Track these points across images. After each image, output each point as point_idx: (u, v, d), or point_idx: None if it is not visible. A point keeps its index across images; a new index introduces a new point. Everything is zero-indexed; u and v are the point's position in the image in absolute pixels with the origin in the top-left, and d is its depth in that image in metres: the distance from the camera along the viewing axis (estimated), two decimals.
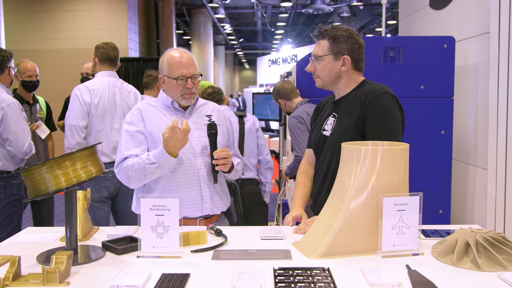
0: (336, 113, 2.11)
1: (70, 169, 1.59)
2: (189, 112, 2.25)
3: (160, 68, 2.22)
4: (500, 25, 2.77)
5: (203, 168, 2.17)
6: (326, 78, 2.08)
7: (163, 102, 2.24)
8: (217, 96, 3.55)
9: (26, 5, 9.85)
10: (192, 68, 2.17)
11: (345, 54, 2.03)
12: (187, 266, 1.59)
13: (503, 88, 2.77)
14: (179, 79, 2.14)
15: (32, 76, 3.84)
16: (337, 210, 1.65)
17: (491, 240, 1.55)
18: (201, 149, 2.18)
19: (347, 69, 2.05)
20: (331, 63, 2.05)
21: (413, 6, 4.18)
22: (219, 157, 2.08)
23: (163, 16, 12.25)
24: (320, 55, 2.06)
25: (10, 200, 3.12)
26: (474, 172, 3.11)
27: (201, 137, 2.20)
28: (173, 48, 2.25)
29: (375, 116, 1.96)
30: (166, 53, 2.22)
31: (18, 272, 1.46)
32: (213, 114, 2.31)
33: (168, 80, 2.18)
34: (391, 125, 1.97)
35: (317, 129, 2.21)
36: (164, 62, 2.19)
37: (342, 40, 2.02)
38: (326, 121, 2.15)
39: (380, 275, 1.44)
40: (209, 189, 2.17)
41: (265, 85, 17.35)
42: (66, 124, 3.19)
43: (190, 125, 2.19)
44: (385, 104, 1.98)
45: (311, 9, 14.47)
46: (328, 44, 2.04)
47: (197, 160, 2.16)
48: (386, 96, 1.99)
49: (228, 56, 29.31)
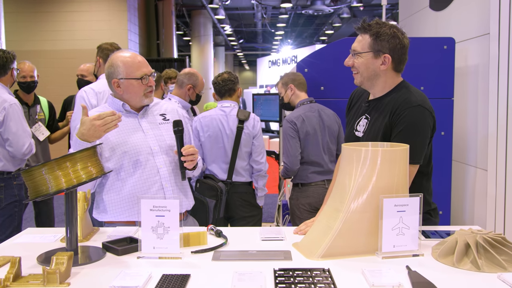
0: (369, 115, 2.05)
1: (71, 170, 1.59)
2: (143, 113, 2.23)
3: (111, 72, 2.14)
4: (500, 26, 2.78)
5: (163, 167, 2.16)
6: (364, 74, 1.99)
7: (113, 106, 2.19)
8: (229, 85, 3.35)
9: (26, 6, 9.86)
10: (149, 66, 2.18)
11: (386, 52, 1.94)
12: (188, 267, 1.59)
13: (503, 89, 2.78)
14: (144, 78, 2.13)
15: (26, 77, 3.83)
16: (337, 211, 1.65)
17: (491, 241, 1.55)
18: (159, 148, 2.17)
19: (386, 69, 1.97)
20: (370, 60, 1.96)
21: (413, 7, 4.18)
22: (188, 154, 2.07)
23: (163, 17, 12.26)
24: (359, 51, 1.98)
25: (10, 201, 3.12)
26: (474, 173, 3.11)
27: (158, 136, 2.19)
28: (120, 50, 2.23)
29: (401, 129, 1.91)
30: (116, 55, 2.16)
31: (18, 272, 1.46)
32: (167, 112, 2.30)
33: (127, 82, 2.13)
34: (413, 140, 1.87)
35: (349, 126, 2.17)
36: (118, 64, 2.12)
37: (384, 38, 1.93)
38: (358, 121, 2.11)
39: (380, 276, 1.44)
40: (172, 187, 2.16)
41: (265, 86, 17.33)
42: (72, 126, 3.19)
43: (145, 126, 2.19)
44: (414, 119, 1.90)
45: (311, 10, 14.48)
46: (370, 40, 1.95)
47: (156, 160, 2.15)
48: (418, 109, 1.90)
49: (228, 57, 29.33)
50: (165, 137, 2.20)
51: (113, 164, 2.11)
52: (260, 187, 3.34)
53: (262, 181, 3.34)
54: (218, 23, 17.33)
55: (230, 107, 3.32)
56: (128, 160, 2.11)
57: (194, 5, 15.70)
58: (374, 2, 14.19)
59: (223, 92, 3.36)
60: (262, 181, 3.34)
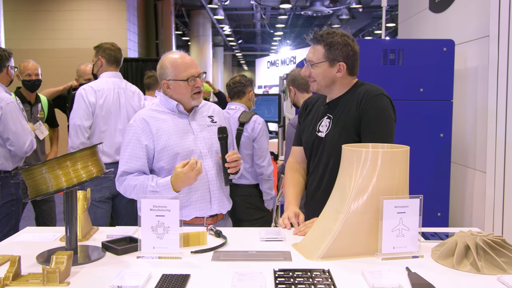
0: (331, 114, 2.12)
1: (71, 169, 1.58)
2: (193, 115, 2.25)
3: (161, 73, 2.19)
4: (499, 28, 2.78)
5: (211, 170, 2.18)
6: (321, 83, 2.08)
7: (166, 106, 2.22)
8: (239, 87, 3.41)
9: (25, 5, 9.83)
10: (198, 67, 2.19)
11: (340, 60, 2.04)
12: (187, 267, 1.59)
13: (502, 91, 2.78)
14: (190, 79, 2.14)
15: (31, 75, 3.84)
16: (337, 212, 1.65)
17: (491, 243, 1.55)
18: (207, 151, 2.20)
19: (342, 75, 2.06)
20: (326, 69, 2.05)
21: (412, 9, 4.19)
22: (231, 160, 2.10)
23: (162, 17, 12.24)
24: (315, 62, 2.06)
25: (7, 200, 3.11)
26: (473, 175, 3.11)
27: (206, 139, 2.21)
28: (170, 51, 2.24)
29: (370, 116, 2.00)
30: (166, 57, 2.20)
31: (18, 271, 1.46)
32: (214, 114, 2.33)
33: (175, 83, 2.16)
34: (385, 125, 2.01)
35: (309, 130, 2.21)
36: (167, 66, 2.16)
37: (338, 48, 2.03)
38: (320, 122, 2.15)
39: (380, 277, 1.44)
40: (217, 190, 2.20)
41: (263, 86, 17.34)
42: (71, 124, 3.18)
43: (196, 128, 2.22)
44: (380, 105, 2.01)
45: (310, 11, 14.48)
46: (323, 50, 2.04)
47: (204, 162, 2.17)
48: (381, 97, 2.03)
49: (227, 57, 29.30)
50: (213, 141, 2.22)
51: (165, 163, 2.14)
52: (264, 190, 3.33)
53: (266, 185, 3.32)
54: (217, 23, 17.32)
55: (235, 109, 3.36)
56: (180, 161, 2.10)
57: (193, 5, 15.69)
58: (373, 4, 14.20)
59: (233, 94, 3.44)
60: (266, 185, 3.32)
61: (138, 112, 2.25)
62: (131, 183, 2.08)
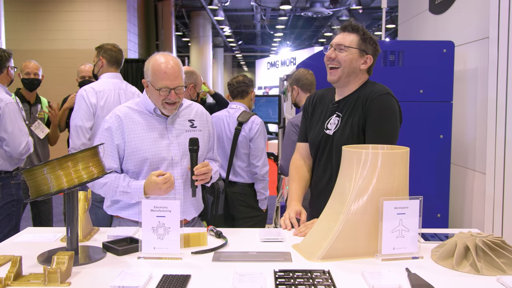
0: (340, 112, 2.11)
1: (72, 169, 1.59)
2: (172, 118, 2.19)
3: (145, 72, 2.14)
4: (499, 30, 2.79)
5: (179, 179, 2.15)
6: (345, 69, 2.06)
7: (145, 106, 2.17)
8: (242, 87, 3.42)
9: (26, 5, 9.85)
10: (177, 80, 2.07)
11: (369, 54, 2.09)
12: (188, 267, 1.59)
13: (502, 92, 2.79)
14: (162, 90, 2.05)
15: (30, 74, 3.84)
16: (338, 213, 1.66)
17: (490, 244, 1.56)
18: (180, 158, 2.15)
19: (364, 69, 2.10)
20: (355, 57, 2.07)
21: (412, 10, 4.19)
22: (199, 173, 2.05)
23: (162, 17, 12.26)
24: (347, 46, 2.06)
25: (8, 200, 3.11)
26: (473, 177, 3.12)
27: (181, 144, 2.16)
28: (160, 52, 2.15)
29: (374, 116, 2.00)
30: (153, 57, 2.11)
31: (19, 272, 1.47)
32: (196, 118, 2.26)
33: (151, 87, 2.10)
34: (388, 125, 2.02)
35: (317, 127, 2.20)
36: (149, 68, 2.10)
37: (370, 42, 2.09)
38: (329, 120, 2.14)
39: (380, 278, 1.44)
40: (182, 199, 2.11)
41: (263, 87, 17.36)
42: (72, 125, 3.19)
43: (172, 132, 2.17)
44: (385, 105, 2.02)
45: (310, 12, 14.49)
46: (357, 39, 2.07)
47: (174, 170, 2.14)
48: (387, 96, 2.04)
49: (227, 58, 29.32)
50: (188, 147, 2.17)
51: (132, 166, 2.10)
52: (258, 189, 3.35)
53: (260, 184, 3.35)
54: (217, 24, 17.33)
55: (236, 109, 3.39)
56: (148, 167, 2.10)
57: (193, 6, 15.71)
58: (373, 5, 14.21)
59: (235, 93, 3.46)
60: (260, 184, 3.35)
61: (116, 108, 2.20)
62: (101, 180, 2.04)
